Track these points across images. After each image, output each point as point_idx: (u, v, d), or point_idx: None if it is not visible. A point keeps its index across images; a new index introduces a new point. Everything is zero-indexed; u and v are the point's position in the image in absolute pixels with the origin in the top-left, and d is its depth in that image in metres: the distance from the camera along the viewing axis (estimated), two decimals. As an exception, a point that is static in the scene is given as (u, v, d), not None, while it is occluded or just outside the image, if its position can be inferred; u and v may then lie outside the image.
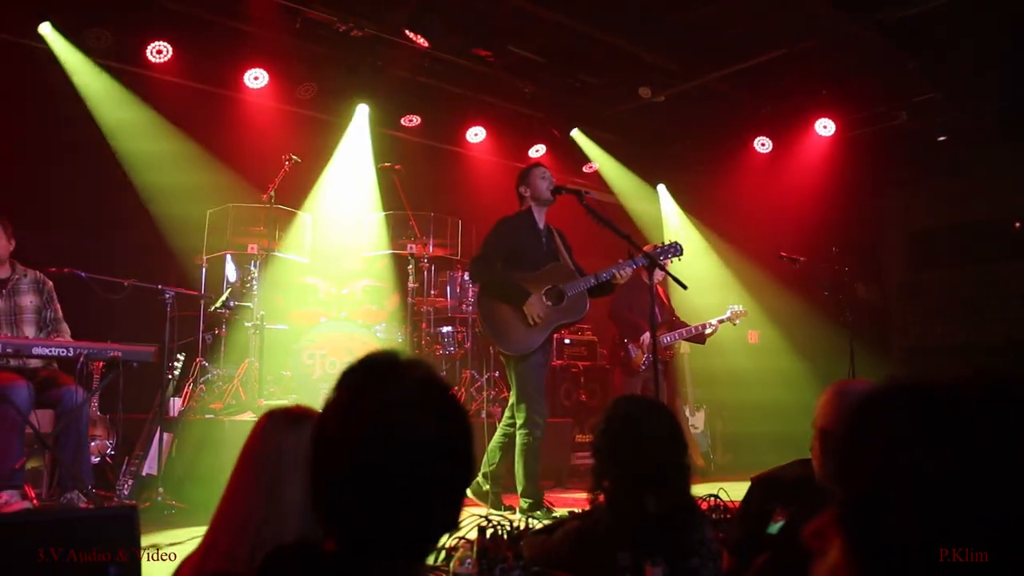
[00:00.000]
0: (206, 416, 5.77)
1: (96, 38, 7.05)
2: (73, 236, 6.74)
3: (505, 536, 2.78)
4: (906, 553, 0.73)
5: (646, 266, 4.90)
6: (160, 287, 5.26)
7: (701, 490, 3.55)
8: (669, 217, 10.26)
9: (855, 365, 6.53)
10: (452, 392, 1.27)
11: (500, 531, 2.82)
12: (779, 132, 9.12)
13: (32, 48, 6.93)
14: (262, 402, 5.75)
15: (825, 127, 8.74)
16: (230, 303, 6.46)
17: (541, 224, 5.33)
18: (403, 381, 1.22)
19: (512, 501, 5.20)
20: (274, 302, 6.63)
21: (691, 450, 6.86)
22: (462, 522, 1.36)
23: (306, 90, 8.17)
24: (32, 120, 6.91)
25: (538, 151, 9.61)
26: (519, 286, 5.08)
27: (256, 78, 7.86)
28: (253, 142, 7.97)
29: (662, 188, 10.36)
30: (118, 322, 5.92)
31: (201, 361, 6.44)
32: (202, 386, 6.30)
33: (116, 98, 7.32)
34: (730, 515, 3.65)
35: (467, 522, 2.78)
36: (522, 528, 3.07)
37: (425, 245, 7.00)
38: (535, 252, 5.24)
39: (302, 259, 7.22)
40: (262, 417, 1.86)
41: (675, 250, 5.23)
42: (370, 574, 1.15)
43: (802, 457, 2.50)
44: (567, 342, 8.20)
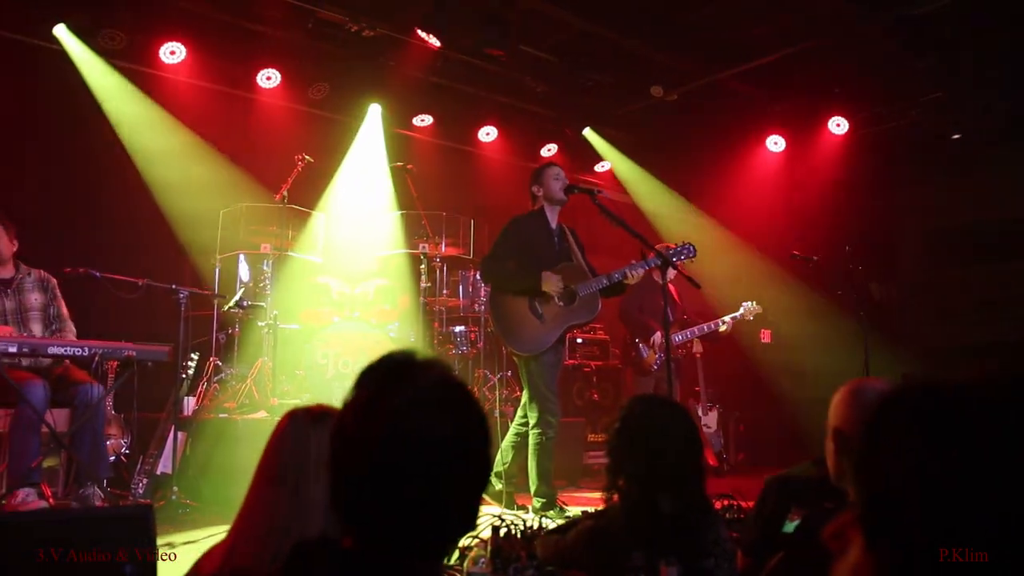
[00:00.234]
0: (220, 415, 5.79)
1: (110, 39, 7.10)
2: (87, 236, 6.79)
3: (519, 535, 2.78)
4: (915, 553, 0.73)
5: (658, 266, 4.90)
6: (174, 287, 5.27)
7: (715, 489, 3.54)
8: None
9: (869, 364, 6.50)
10: (470, 392, 1.27)
11: (514, 530, 2.82)
12: (792, 130, 9.08)
13: (47, 50, 6.98)
14: (275, 401, 5.77)
15: (838, 125, 8.70)
16: (243, 302, 6.48)
17: (554, 224, 5.32)
18: (421, 381, 1.22)
19: (525, 500, 5.20)
20: (287, 301, 6.64)
21: (704, 450, 6.84)
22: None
23: (318, 90, 8.20)
24: (47, 121, 6.96)
25: (550, 150, 9.61)
26: (529, 272, 5.07)
27: (269, 78, 7.89)
28: (266, 142, 8.01)
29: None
30: (132, 322, 5.95)
31: (215, 360, 6.47)
32: (216, 385, 6.33)
33: (130, 99, 7.35)
34: (744, 515, 3.65)
35: (481, 521, 2.79)
36: (536, 527, 3.07)
37: (437, 244, 7.01)
38: (547, 252, 5.23)
39: (315, 258, 7.25)
40: (285, 416, 1.86)
41: (688, 251, 5.22)
42: (388, 573, 1.16)
43: (816, 457, 2.49)
44: (579, 341, 8.19)
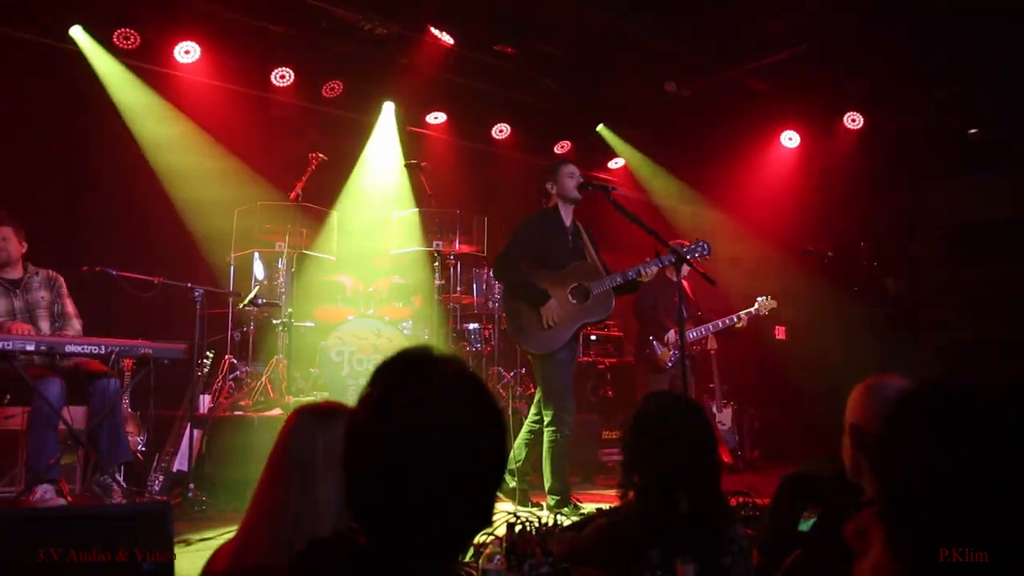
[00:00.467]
0: (235, 413, 5.82)
1: (125, 39, 7.14)
2: (104, 235, 6.83)
3: (534, 532, 2.78)
4: (927, 550, 0.72)
5: (673, 263, 4.88)
6: (189, 285, 5.30)
7: (730, 487, 3.53)
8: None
9: (885, 361, 6.46)
10: (485, 388, 1.27)
11: (529, 528, 2.83)
12: (807, 126, 9.04)
13: (64, 50, 7.02)
14: (290, 399, 5.79)
15: (853, 120, 8.65)
16: (258, 300, 6.51)
17: (568, 221, 5.30)
18: (434, 377, 1.22)
19: (539, 498, 5.20)
20: (302, 299, 6.67)
21: (719, 447, 6.82)
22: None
23: (332, 88, 8.23)
24: (63, 122, 7.00)
25: (563, 147, 9.60)
26: (538, 289, 5.07)
27: (282, 77, 7.92)
28: (280, 141, 8.04)
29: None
30: (148, 320, 5.98)
31: (230, 358, 6.50)
32: (231, 383, 6.36)
33: (144, 99, 7.40)
34: (760, 513, 3.64)
35: (496, 519, 2.79)
36: (550, 525, 3.07)
37: (451, 242, 7.01)
38: (561, 250, 5.22)
39: (329, 257, 7.27)
40: (292, 413, 1.86)
41: (702, 249, 5.20)
42: (402, 570, 1.16)
43: (832, 454, 2.47)
44: (593, 338, 8.18)
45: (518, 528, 2.78)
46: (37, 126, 6.83)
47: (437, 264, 6.79)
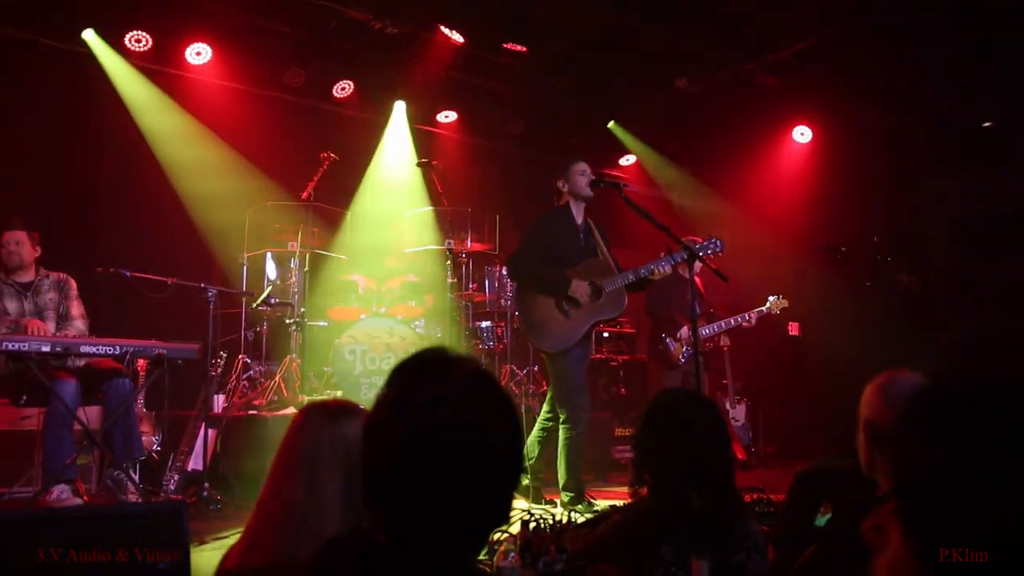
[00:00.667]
0: (249, 412, 5.85)
1: (137, 42, 7.18)
2: (117, 237, 6.86)
3: (548, 530, 2.78)
4: (936, 547, 0.72)
5: (685, 260, 4.88)
6: (203, 285, 5.33)
7: (744, 483, 3.52)
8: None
9: (898, 357, 6.43)
10: (500, 387, 1.27)
11: (543, 525, 2.83)
12: (819, 121, 8.99)
13: (76, 54, 7.07)
14: (304, 398, 5.81)
15: (865, 114, 8.60)
16: (271, 300, 6.53)
17: (579, 219, 5.30)
18: (449, 378, 1.22)
19: (553, 496, 5.20)
20: (314, 299, 6.68)
21: (732, 443, 6.80)
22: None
23: (342, 88, 8.25)
24: (75, 124, 7.04)
25: (574, 145, 9.58)
26: (558, 274, 5.06)
27: (293, 77, 7.94)
28: (291, 141, 8.06)
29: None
30: (162, 321, 6.01)
31: (244, 358, 6.52)
32: (245, 383, 6.38)
33: (156, 101, 7.44)
34: (774, 509, 3.62)
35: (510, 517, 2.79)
36: (565, 522, 3.07)
37: (463, 240, 7.02)
38: (573, 248, 5.21)
39: (341, 256, 7.29)
40: (300, 412, 1.88)
41: (715, 245, 5.19)
42: (420, 567, 1.16)
43: (846, 449, 2.46)
44: (605, 336, 8.16)
45: (532, 526, 2.79)
46: (51, 129, 6.88)
47: (449, 262, 6.80)
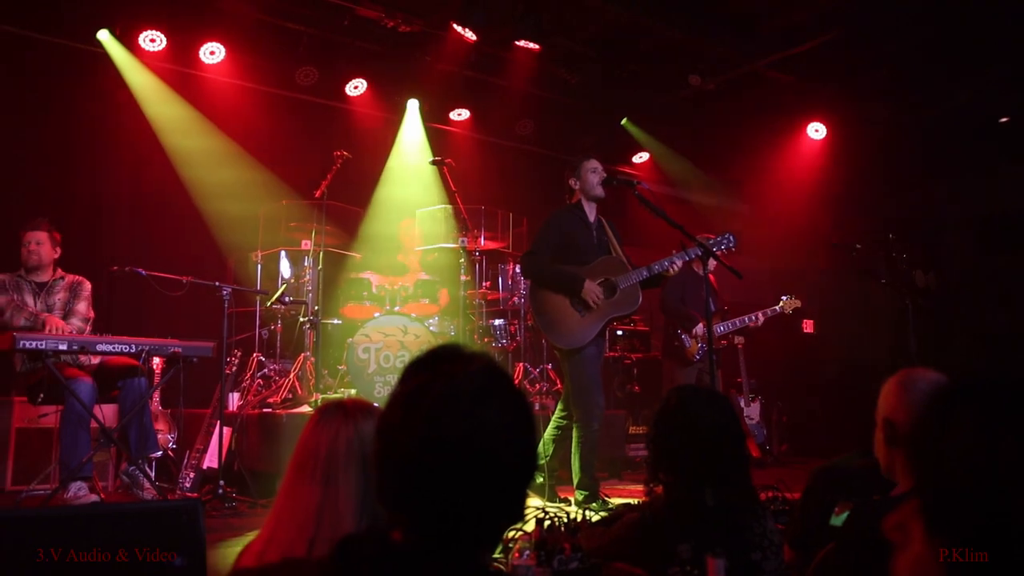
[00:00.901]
0: (264, 410, 5.86)
1: (151, 41, 7.22)
2: (132, 236, 6.91)
3: (563, 528, 2.77)
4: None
5: (699, 257, 4.86)
6: (217, 284, 5.35)
7: (758, 481, 3.50)
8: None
9: (915, 354, 6.39)
10: (513, 383, 1.27)
11: (558, 523, 2.82)
12: (833, 117, 8.95)
13: (91, 54, 7.11)
14: (318, 396, 5.82)
15: (880, 111, 8.55)
16: (285, 299, 6.55)
17: (592, 217, 5.29)
18: (462, 374, 1.22)
19: (567, 493, 5.20)
20: (328, 297, 6.70)
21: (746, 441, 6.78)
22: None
23: (356, 87, 8.27)
24: (90, 125, 7.09)
25: (587, 142, 9.56)
26: (572, 273, 5.05)
27: (307, 76, 7.96)
28: (304, 139, 8.09)
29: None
30: (177, 319, 6.05)
31: (258, 356, 6.54)
32: (259, 381, 6.40)
33: (169, 100, 7.48)
34: (789, 507, 3.61)
35: (525, 514, 2.78)
36: (579, 520, 3.06)
37: (476, 238, 7.01)
38: (586, 245, 5.20)
39: (355, 254, 7.30)
40: (316, 411, 1.89)
41: (728, 241, 5.17)
42: (435, 564, 1.16)
43: (862, 448, 2.45)
44: (619, 333, 8.15)
45: (547, 524, 2.78)
46: (66, 130, 6.94)
47: (463, 260, 6.80)
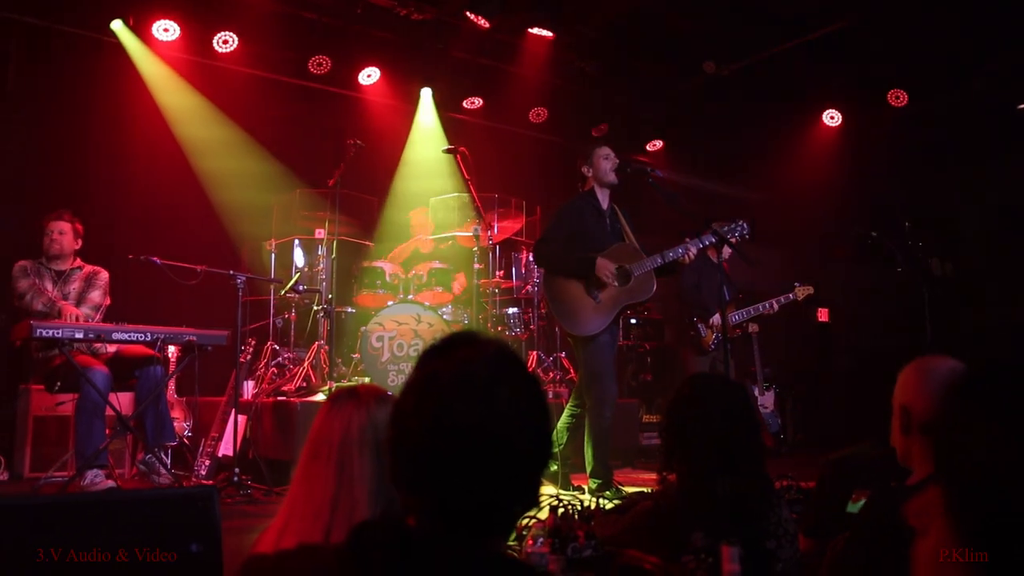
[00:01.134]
0: (278, 398, 5.89)
1: (164, 30, 7.24)
2: (146, 225, 6.93)
3: (576, 516, 2.78)
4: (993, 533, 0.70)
5: (714, 244, 4.84)
6: (231, 273, 5.37)
7: (772, 470, 3.49)
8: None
9: (930, 343, 6.34)
10: (526, 368, 1.26)
11: (572, 511, 2.82)
12: (849, 104, 8.88)
13: (105, 44, 7.14)
14: (332, 384, 5.84)
15: (897, 98, 8.48)
16: (299, 287, 6.57)
17: (605, 204, 5.27)
18: (477, 360, 1.22)
19: (581, 481, 5.20)
20: (342, 286, 6.71)
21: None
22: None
23: (369, 75, 8.27)
24: (103, 114, 7.11)
25: (600, 130, 9.54)
26: (584, 255, 5.04)
27: (320, 65, 7.96)
28: (318, 128, 8.10)
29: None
30: (191, 308, 6.07)
31: (272, 345, 6.57)
32: (274, 369, 6.43)
33: (182, 90, 7.50)
34: (804, 496, 3.60)
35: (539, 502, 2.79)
36: (593, 508, 3.07)
37: (490, 226, 7.00)
38: (599, 233, 5.19)
39: (368, 243, 7.31)
40: (329, 397, 1.90)
41: (742, 228, 5.15)
42: (449, 550, 1.16)
43: (877, 436, 2.44)
44: (633, 322, 8.14)
45: (561, 511, 2.78)
46: (80, 120, 6.96)
47: (476, 249, 6.79)
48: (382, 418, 1.75)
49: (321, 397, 5.79)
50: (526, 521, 2.70)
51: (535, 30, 7.84)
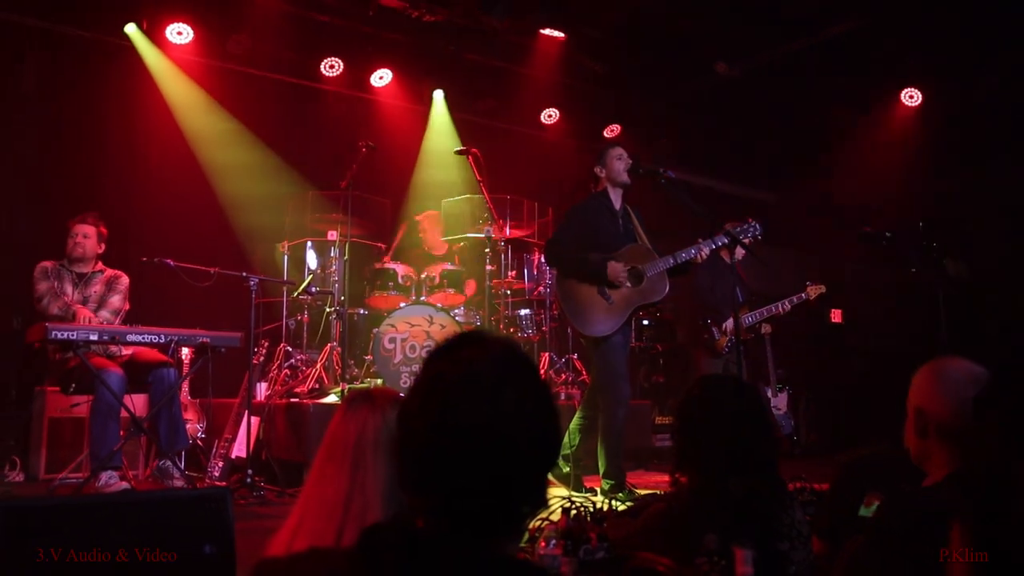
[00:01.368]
0: (291, 400, 5.90)
1: (178, 34, 7.28)
2: (159, 228, 6.96)
3: (589, 518, 2.77)
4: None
5: (727, 245, 4.82)
6: (244, 274, 5.39)
7: (786, 472, 3.48)
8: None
9: (945, 344, 6.30)
10: (532, 368, 1.26)
11: (584, 512, 2.82)
12: (862, 104, 8.83)
13: (119, 46, 7.18)
14: (344, 386, 5.85)
15: (911, 97, 8.43)
16: (312, 289, 6.58)
17: (617, 205, 5.26)
18: (483, 358, 1.22)
19: (593, 483, 5.19)
20: (354, 288, 6.73)
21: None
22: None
23: (381, 77, 8.28)
24: (116, 116, 7.15)
25: (612, 131, 9.53)
26: (595, 259, 5.02)
27: (332, 67, 7.99)
28: (330, 130, 8.12)
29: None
30: (204, 310, 6.10)
31: (285, 346, 6.59)
32: (286, 371, 6.44)
33: (194, 92, 7.54)
34: (817, 498, 3.58)
35: (551, 504, 2.78)
36: (606, 510, 3.06)
37: (502, 228, 7.01)
38: (611, 233, 5.18)
39: (380, 244, 7.32)
40: (344, 400, 1.91)
41: (754, 229, 5.14)
42: (457, 552, 1.16)
43: (890, 438, 2.42)
44: (645, 323, 8.12)
45: (573, 513, 2.78)
46: (93, 123, 7.00)
47: (488, 250, 6.80)
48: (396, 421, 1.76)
49: (333, 399, 5.80)
50: (538, 523, 2.70)
51: (547, 31, 7.84)
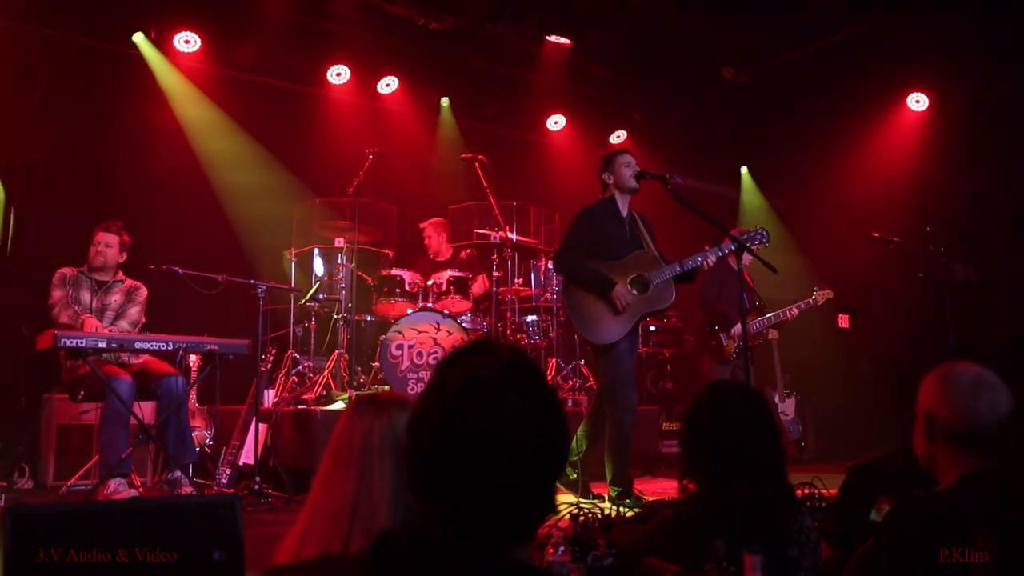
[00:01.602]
0: (299, 407, 5.91)
1: (185, 42, 7.31)
2: (167, 236, 6.98)
3: (597, 524, 2.77)
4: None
5: (734, 251, 4.82)
6: (252, 282, 5.40)
7: (794, 478, 3.47)
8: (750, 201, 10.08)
9: (953, 349, 6.27)
10: (539, 374, 1.26)
11: (592, 519, 2.81)
12: (869, 108, 8.82)
13: (128, 55, 7.21)
14: (352, 393, 5.86)
15: (918, 101, 8.42)
16: (319, 296, 6.60)
17: (624, 211, 5.27)
18: (490, 365, 1.22)
19: (601, 489, 5.18)
20: (361, 295, 6.74)
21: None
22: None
23: (387, 84, 8.31)
24: (127, 127, 7.19)
25: (619, 137, 9.54)
26: (603, 275, 5.03)
27: (338, 74, 8.02)
28: (336, 137, 8.14)
29: (744, 171, 10.19)
30: (212, 317, 6.11)
31: (292, 353, 6.60)
32: (294, 377, 6.45)
33: (202, 100, 7.57)
34: (826, 504, 3.57)
35: (559, 510, 2.78)
36: (614, 516, 3.05)
37: (509, 234, 7.02)
38: (618, 240, 5.18)
39: (387, 251, 7.33)
40: (350, 405, 1.91)
41: (762, 236, 5.14)
42: (466, 557, 1.16)
43: (899, 443, 2.41)
44: (652, 329, 8.11)
45: (581, 519, 2.77)
46: (101, 131, 7.03)
47: (495, 257, 6.80)
48: (403, 425, 1.76)
49: (341, 406, 5.80)
50: (546, 530, 2.69)
51: (553, 37, 7.86)
